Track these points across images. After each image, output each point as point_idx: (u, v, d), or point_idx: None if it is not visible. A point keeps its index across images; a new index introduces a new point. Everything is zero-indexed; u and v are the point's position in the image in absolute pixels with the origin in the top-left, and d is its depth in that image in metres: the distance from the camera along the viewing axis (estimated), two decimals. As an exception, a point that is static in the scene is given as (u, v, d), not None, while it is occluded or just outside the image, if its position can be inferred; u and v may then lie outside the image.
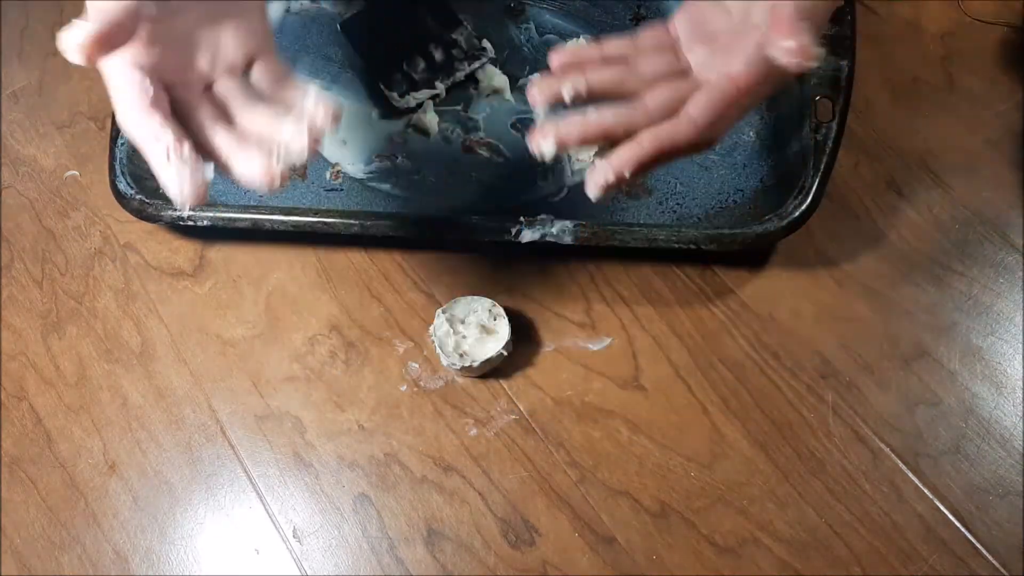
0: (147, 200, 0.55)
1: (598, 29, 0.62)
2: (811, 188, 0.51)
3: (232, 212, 0.55)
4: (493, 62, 0.61)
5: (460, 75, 0.60)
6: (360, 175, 0.58)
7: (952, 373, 0.51)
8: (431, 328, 0.52)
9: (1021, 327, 0.52)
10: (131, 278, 0.57)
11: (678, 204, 0.55)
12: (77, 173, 0.62)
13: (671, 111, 0.40)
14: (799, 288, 0.54)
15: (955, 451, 0.49)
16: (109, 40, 0.35)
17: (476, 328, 0.51)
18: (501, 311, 0.52)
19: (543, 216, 0.53)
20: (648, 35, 0.45)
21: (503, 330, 0.51)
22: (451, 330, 0.51)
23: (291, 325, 0.55)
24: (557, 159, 0.57)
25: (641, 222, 0.54)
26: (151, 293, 0.57)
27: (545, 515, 0.49)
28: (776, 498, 0.48)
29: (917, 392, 0.51)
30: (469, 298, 0.53)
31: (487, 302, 0.52)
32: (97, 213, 0.60)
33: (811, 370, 0.51)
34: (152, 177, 0.58)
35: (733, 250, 0.52)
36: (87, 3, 0.35)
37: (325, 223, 0.54)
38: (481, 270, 0.55)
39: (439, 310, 0.52)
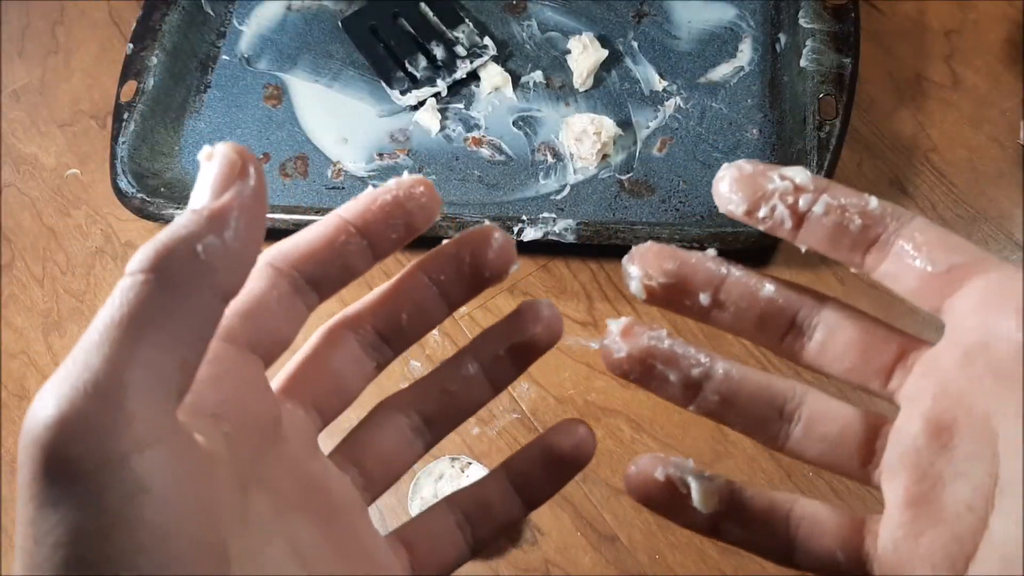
0: (148, 199, 0.55)
1: (600, 26, 0.62)
2: (814, 186, 0.51)
3: (233, 210, 0.54)
4: (495, 59, 0.61)
5: (462, 72, 0.60)
6: (361, 173, 0.58)
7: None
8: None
9: (1025, 325, 0.52)
10: (132, 276, 0.57)
11: (681, 202, 0.55)
12: (78, 171, 0.62)
13: None
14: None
15: (959, 450, 0.49)
16: None
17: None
18: (470, 461, 0.47)
19: (545, 214, 0.53)
20: None
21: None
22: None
23: (293, 323, 0.55)
24: (559, 157, 0.57)
25: (644, 220, 0.54)
26: (152, 291, 0.57)
27: (547, 514, 0.49)
28: (779, 497, 0.48)
29: (921, 391, 0.50)
30: (428, 468, 0.48)
31: (444, 462, 0.49)
32: (98, 211, 0.60)
33: (814, 369, 0.51)
34: (153, 175, 0.58)
35: (736, 248, 0.52)
36: None
37: (326, 221, 0.53)
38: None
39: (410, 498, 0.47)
